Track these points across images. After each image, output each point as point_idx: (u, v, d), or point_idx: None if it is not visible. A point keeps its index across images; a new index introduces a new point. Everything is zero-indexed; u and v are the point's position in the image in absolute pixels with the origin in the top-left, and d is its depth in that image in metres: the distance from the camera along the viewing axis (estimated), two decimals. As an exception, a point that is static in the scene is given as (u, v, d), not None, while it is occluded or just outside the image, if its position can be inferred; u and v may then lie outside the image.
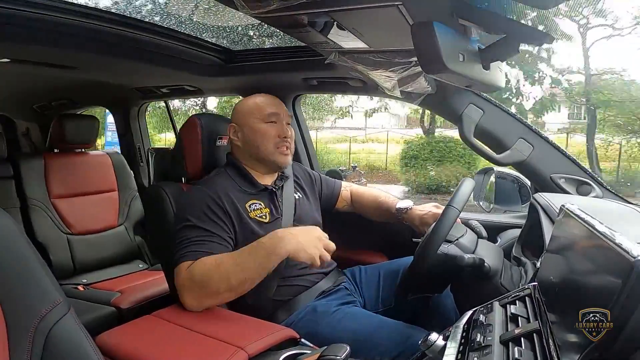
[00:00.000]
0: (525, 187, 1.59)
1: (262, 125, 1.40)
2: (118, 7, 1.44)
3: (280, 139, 1.40)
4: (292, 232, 1.18)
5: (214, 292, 1.14)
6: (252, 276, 1.14)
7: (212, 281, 1.12)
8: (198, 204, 1.27)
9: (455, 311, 1.34)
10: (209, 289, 1.13)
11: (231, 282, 1.13)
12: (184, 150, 1.50)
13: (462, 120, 1.48)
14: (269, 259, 1.13)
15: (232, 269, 1.13)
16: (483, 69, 0.88)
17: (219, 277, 1.12)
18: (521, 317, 0.74)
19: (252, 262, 1.14)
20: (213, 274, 1.13)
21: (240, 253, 1.18)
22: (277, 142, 1.40)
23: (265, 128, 1.40)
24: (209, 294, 1.14)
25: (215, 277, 1.12)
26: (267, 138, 1.39)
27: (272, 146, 1.39)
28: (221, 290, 1.13)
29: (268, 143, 1.39)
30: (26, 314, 0.74)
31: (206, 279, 1.13)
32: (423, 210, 1.50)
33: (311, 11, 0.91)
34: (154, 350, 1.03)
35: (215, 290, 1.13)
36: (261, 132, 1.40)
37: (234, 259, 1.16)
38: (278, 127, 1.41)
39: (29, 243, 0.80)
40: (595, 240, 0.60)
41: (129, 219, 2.53)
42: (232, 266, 1.13)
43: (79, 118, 2.61)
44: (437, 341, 0.81)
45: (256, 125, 1.40)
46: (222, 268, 1.13)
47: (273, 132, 1.40)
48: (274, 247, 1.14)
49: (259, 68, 1.82)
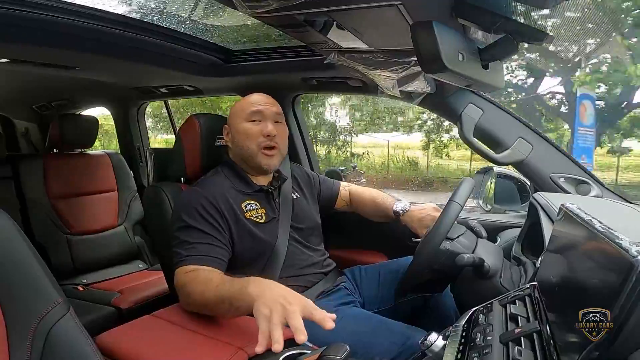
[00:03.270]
0: (524, 187, 1.59)
1: (244, 125, 1.38)
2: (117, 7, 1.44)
3: (264, 137, 1.37)
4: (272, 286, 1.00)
5: (196, 302, 1.12)
6: (220, 302, 1.04)
7: (196, 292, 1.10)
8: (192, 205, 1.27)
9: (455, 311, 1.34)
10: (192, 297, 1.12)
11: (205, 296, 1.07)
12: (183, 151, 1.50)
13: (462, 120, 1.48)
14: (240, 292, 1.00)
15: (208, 291, 1.07)
16: (482, 69, 0.88)
17: (201, 290, 1.09)
18: (521, 316, 0.74)
19: (227, 289, 1.04)
20: (197, 285, 1.11)
21: (228, 278, 1.11)
22: (261, 142, 1.36)
23: (248, 127, 1.38)
24: (193, 302, 1.13)
25: (198, 289, 1.10)
26: (249, 137, 1.37)
27: (255, 146, 1.37)
28: (197, 302, 1.10)
29: (251, 143, 1.37)
30: (26, 314, 0.74)
31: (190, 290, 1.12)
32: (422, 212, 1.50)
33: (310, 11, 0.91)
34: (154, 351, 1.03)
35: (198, 300, 1.11)
36: (243, 131, 1.38)
37: (216, 285, 1.08)
38: (262, 125, 1.38)
39: (28, 243, 0.80)
40: (595, 239, 0.60)
41: (128, 219, 2.53)
42: (210, 289, 1.07)
43: (79, 118, 2.61)
44: (437, 341, 0.81)
45: (240, 125, 1.39)
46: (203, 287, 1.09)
47: (256, 131, 1.37)
48: (247, 284, 1.00)
49: (258, 68, 1.82)
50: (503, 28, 0.81)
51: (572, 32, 1.38)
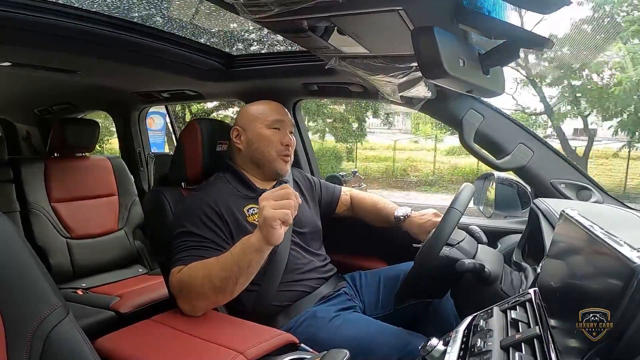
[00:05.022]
0: (525, 193, 1.59)
1: (266, 131, 1.41)
2: (119, 11, 1.45)
3: (283, 146, 1.41)
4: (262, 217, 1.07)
5: (200, 294, 1.12)
6: (233, 273, 1.09)
7: (197, 282, 1.11)
8: (194, 210, 1.27)
9: (455, 316, 1.33)
10: (194, 290, 1.12)
11: (214, 281, 1.09)
12: (184, 155, 1.50)
13: (462, 126, 1.49)
14: (244, 252, 1.08)
15: (213, 268, 1.11)
16: (483, 74, 0.88)
17: (202, 277, 1.10)
18: (522, 322, 0.73)
19: (230, 258, 1.10)
20: (197, 275, 1.11)
21: (224, 254, 1.14)
22: (280, 150, 1.41)
23: (269, 134, 1.41)
24: (196, 295, 1.13)
25: (199, 278, 1.11)
26: (270, 144, 1.41)
27: (274, 152, 1.41)
28: (206, 290, 1.11)
29: (271, 149, 1.41)
30: (25, 318, 0.74)
31: (191, 280, 1.12)
32: (422, 218, 1.50)
33: (312, 16, 0.91)
34: (153, 355, 1.03)
35: (200, 291, 1.11)
36: (265, 137, 1.41)
37: (217, 259, 1.13)
38: (281, 134, 1.42)
39: (28, 247, 0.80)
40: (596, 245, 0.60)
41: (128, 223, 2.53)
42: (214, 265, 1.11)
43: (80, 122, 2.62)
44: (437, 346, 0.81)
45: (261, 130, 1.41)
46: (206, 268, 1.12)
47: (276, 138, 1.41)
48: (247, 238, 1.09)
49: (259, 73, 1.82)
50: (503, 33, 0.81)
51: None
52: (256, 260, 1.09)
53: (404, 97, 1.36)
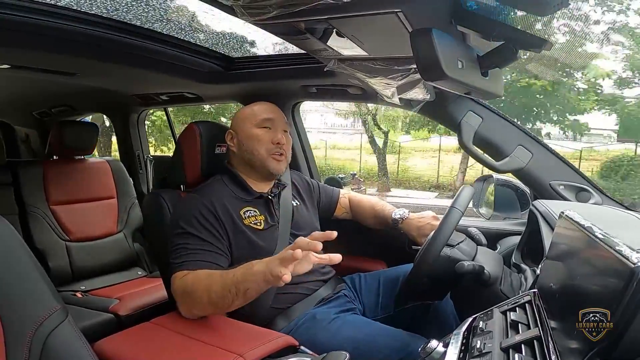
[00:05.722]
0: (524, 194, 1.59)
1: (255, 130, 1.40)
2: (118, 13, 1.45)
3: (274, 145, 1.40)
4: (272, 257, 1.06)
5: (198, 303, 1.13)
6: (230, 294, 1.07)
7: (197, 293, 1.11)
8: (191, 212, 1.27)
9: (455, 318, 1.34)
10: (193, 299, 1.13)
11: (211, 295, 1.09)
12: (183, 158, 1.50)
13: (461, 128, 1.49)
14: (245, 277, 1.05)
15: (215, 282, 1.10)
16: (482, 76, 0.88)
17: (203, 288, 1.11)
18: (521, 323, 0.73)
19: (232, 278, 1.08)
20: (199, 285, 1.12)
21: (227, 270, 1.14)
22: (270, 149, 1.40)
23: (259, 133, 1.40)
24: (194, 304, 1.14)
25: (200, 289, 1.11)
26: (259, 142, 1.39)
27: (264, 151, 1.39)
28: (204, 301, 1.11)
29: (260, 147, 1.39)
30: (24, 321, 0.74)
31: (193, 289, 1.12)
32: (421, 221, 1.50)
33: (310, 19, 0.91)
34: (153, 358, 1.03)
35: (199, 301, 1.12)
36: (254, 136, 1.40)
37: (220, 275, 1.12)
38: (272, 133, 1.41)
39: (27, 250, 0.80)
40: (595, 246, 0.60)
41: (128, 226, 2.53)
42: (216, 280, 1.11)
43: (78, 125, 2.62)
44: (437, 348, 0.81)
45: (250, 130, 1.40)
46: (208, 281, 1.12)
47: (267, 137, 1.40)
48: (251, 265, 1.06)
49: (258, 75, 1.82)
50: (502, 35, 0.81)
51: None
52: (255, 289, 1.06)
53: (403, 99, 1.36)
